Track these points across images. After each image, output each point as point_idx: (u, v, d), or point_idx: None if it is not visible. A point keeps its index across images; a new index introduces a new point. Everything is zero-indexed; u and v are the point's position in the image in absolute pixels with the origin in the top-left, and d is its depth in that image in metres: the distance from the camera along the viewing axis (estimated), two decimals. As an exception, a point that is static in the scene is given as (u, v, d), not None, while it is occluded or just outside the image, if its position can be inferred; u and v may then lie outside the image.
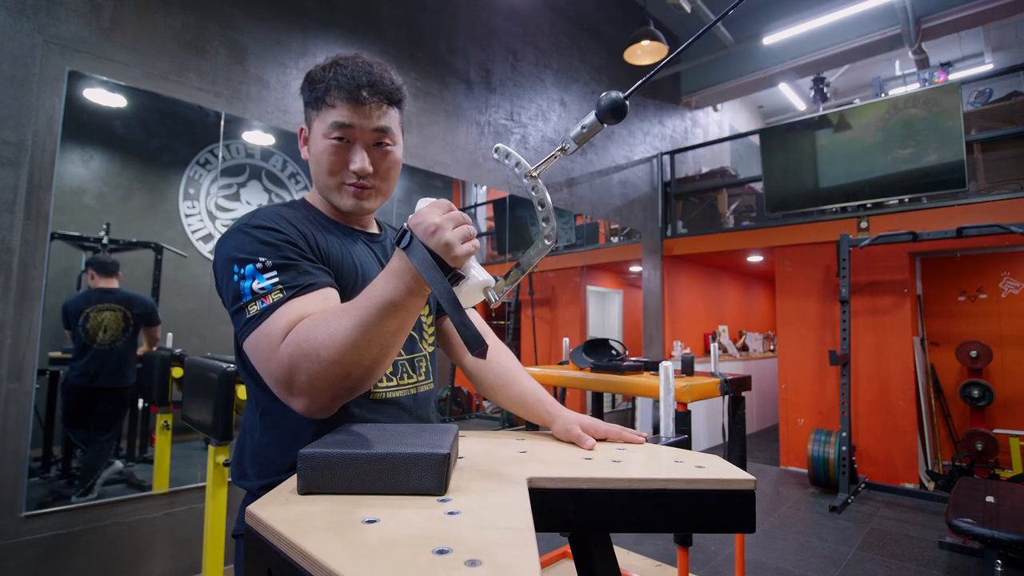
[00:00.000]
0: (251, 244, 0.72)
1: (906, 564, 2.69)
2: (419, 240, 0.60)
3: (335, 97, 0.78)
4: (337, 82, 0.78)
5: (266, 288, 0.69)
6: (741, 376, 2.23)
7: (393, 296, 0.62)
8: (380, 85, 0.80)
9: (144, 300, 2.28)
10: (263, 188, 2.60)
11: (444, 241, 0.59)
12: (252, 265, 0.70)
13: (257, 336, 0.68)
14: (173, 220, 2.33)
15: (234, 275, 0.71)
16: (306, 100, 0.83)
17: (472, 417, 4.17)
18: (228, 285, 0.72)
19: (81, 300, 2.13)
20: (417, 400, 0.88)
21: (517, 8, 3.98)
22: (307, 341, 0.63)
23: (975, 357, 4.15)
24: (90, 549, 1.97)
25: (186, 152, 2.37)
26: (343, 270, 0.80)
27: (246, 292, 0.70)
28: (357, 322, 0.62)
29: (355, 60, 0.81)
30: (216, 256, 0.76)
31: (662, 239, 5.29)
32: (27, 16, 1.91)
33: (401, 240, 0.61)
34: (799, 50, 5.17)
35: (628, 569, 2.26)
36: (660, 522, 0.65)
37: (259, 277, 0.70)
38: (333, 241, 0.82)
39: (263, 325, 0.68)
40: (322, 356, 0.62)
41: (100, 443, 2.21)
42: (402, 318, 0.64)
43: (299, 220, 0.79)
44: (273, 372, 0.66)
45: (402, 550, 0.41)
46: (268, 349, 0.67)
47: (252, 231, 0.73)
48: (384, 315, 0.62)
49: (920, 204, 3.98)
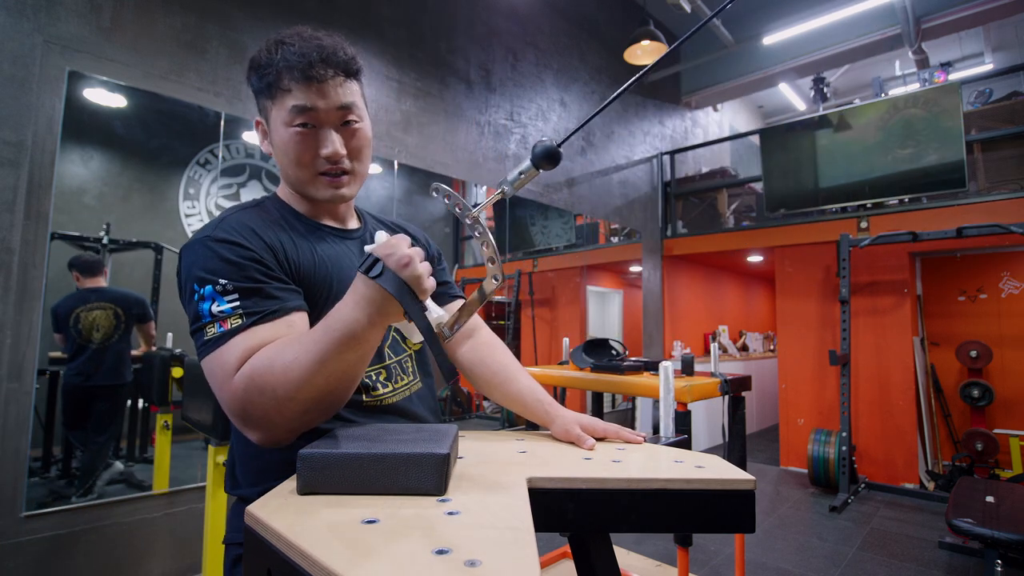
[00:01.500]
0: (212, 261, 0.67)
1: (906, 564, 2.69)
2: (391, 271, 0.59)
3: (288, 79, 0.72)
4: (287, 62, 0.71)
5: (225, 312, 0.66)
6: (741, 376, 2.23)
7: (355, 327, 0.59)
8: (335, 58, 0.73)
9: (134, 297, 2.27)
10: (263, 188, 2.60)
11: (416, 273, 0.59)
12: (211, 287, 0.66)
13: (212, 362, 0.65)
14: (173, 220, 2.33)
15: (194, 294, 0.67)
16: (256, 89, 0.76)
17: (472, 417, 4.17)
18: (188, 303, 0.69)
19: (70, 301, 2.12)
20: (413, 401, 0.87)
21: (517, 8, 3.98)
22: (261, 376, 0.61)
23: (975, 357, 4.15)
24: (90, 549, 1.97)
25: (186, 152, 2.37)
26: (315, 280, 0.76)
27: (204, 314, 0.66)
28: (315, 357, 0.59)
29: (300, 35, 0.74)
30: (179, 265, 0.71)
31: (662, 239, 5.29)
32: (27, 16, 1.91)
33: (371, 269, 0.59)
34: (799, 50, 5.17)
35: (628, 569, 2.26)
36: (660, 522, 0.65)
37: (219, 299, 0.66)
38: (304, 247, 0.77)
39: (218, 352, 0.65)
40: (278, 393, 0.60)
41: (99, 443, 2.20)
42: (362, 350, 0.62)
43: (267, 227, 0.74)
44: (227, 402, 0.64)
45: (402, 550, 0.41)
46: (222, 378, 0.64)
47: (215, 246, 0.68)
48: (343, 348, 0.60)
49: (920, 204, 3.98)
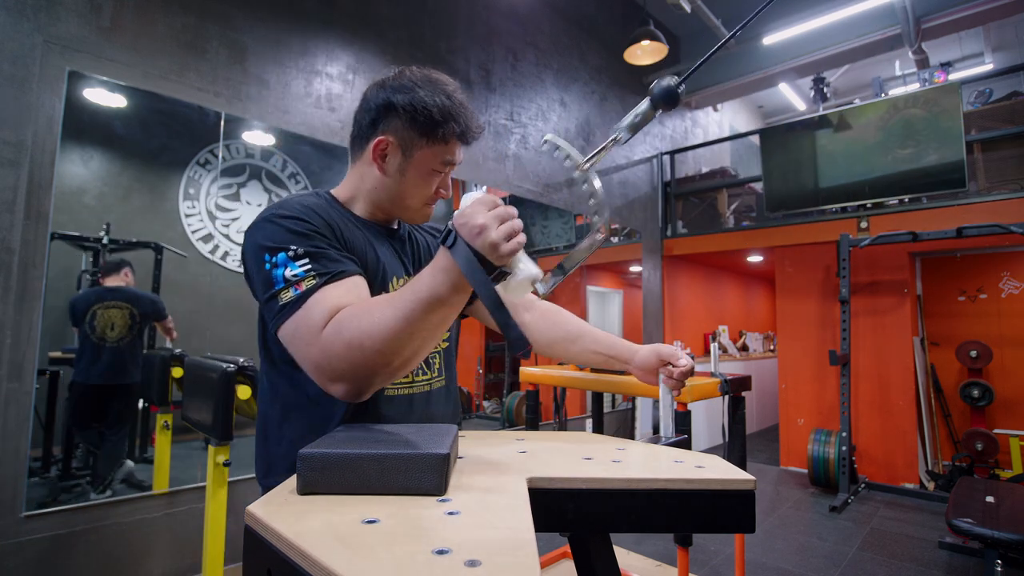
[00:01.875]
0: (281, 233, 0.73)
1: (906, 564, 2.69)
2: (463, 241, 0.61)
3: (452, 135, 0.82)
4: (461, 126, 0.82)
5: (299, 275, 0.70)
6: (741, 376, 2.23)
7: (439, 292, 0.63)
8: (479, 133, 0.86)
9: (149, 297, 2.30)
10: (263, 188, 2.60)
11: (489, 242, 0.60)
12: (284, 253, 0.71)
13: (295, 323, 0.69)
14: (173, 220, 2.33)
15: (265, 263, 0.72)
16: (419, 124, 0.81)
17: (472, 417, 4.17)
18: (259, 273, 0.73)
19: (89, 297, 2.15)
20: (430, 397, 0.89)
21: (517, 8, 3.98)
22: (349, 330, 0.65)
23: (975, 357, 4.14)
24: (90, 549, 1.97)
25: (186, 152, 2.37)
26: (367, 263, 0.82)
27: (279, 280, 0.70)
28: (401, 315, 0.63)
29: (463, 103, 0.83)
30: (245, 246, 0.77)
31: (662, 239, 5.29)
32: (27, 16, 1.91)
33: (446, 239, 0.62)
34: (799, 50, 5.17)
35: (628, 569, 2.25)
36: (660, 522, 0.65)
37: (291, 265, 0.71)
38: (358, 235, 0.83)
39: (300, 312, 0.69)
40: (365, 345, 0.64)
41: (113, 441, 2.23)
42: (445, 312, 0.65)
43: (324, 210, 0.81)
44: (314, 358, 0.67)
45: (402, 550, 0.41)
46: (308, 335, 0.67)
47: (280, 221, 0.75)
48: (428, 310, 0.63)
49: (920, 204, 3.98)
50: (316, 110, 2.73)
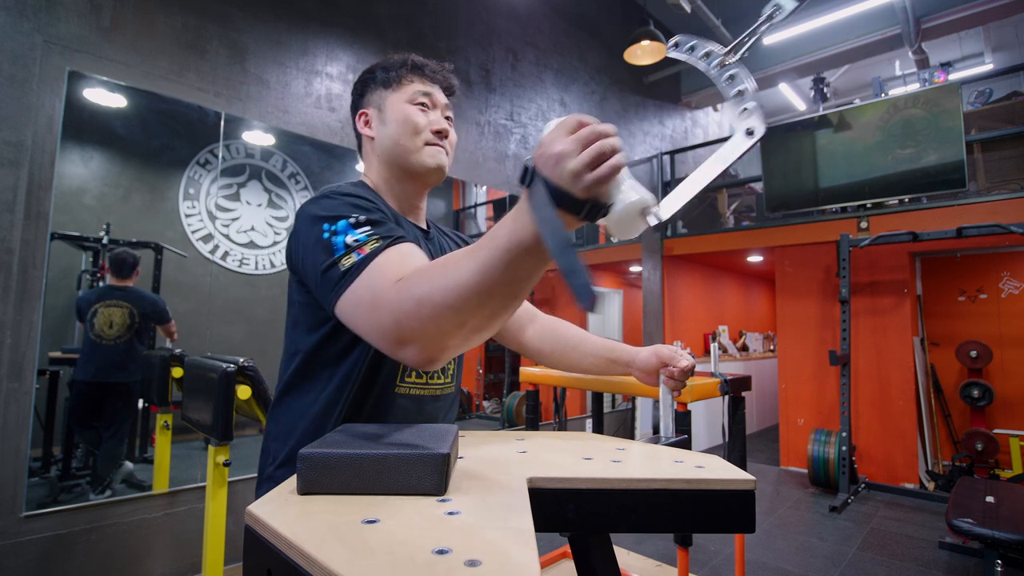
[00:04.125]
0: (340, 206, 0.72)
1: (906, 564, 2.69)
2: (541, 175, 0.51)
3: (412, 75, 0.91)
4: (414, 64, 0.92)
5: (360, 240, 0.67)
6: (741, 376, 2.22)
7: (519, 238, 0.53)
8: (444, 72, 0.95)
9: (151, 298, 2.31)
10: (263, 188, 2.60)
11: (569, 171, 0.49)
12: (345, 220, 0.69)
13: (358, 288, 0.64)
14: (173, 220, 2.33)
15: (324, 232, 0.69)
16: (379, 81, 0.91)
17: (472, 417, 4.17)
18: (316, 244, 0.69)
19: (93, 295, 2.17)
20: (439, 401, 0.88)
21: (517, 8, 3.98)
22: (419, 286, 0.59)
23: (975, 357, 4.14)
24: (90, 549, 1.97)
25: (186, 152, 2.37)
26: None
27: (339, 247, 0.67)
28: (476, 266, 0.55)
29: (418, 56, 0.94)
30: (298, 224, 0.75)
31: (662, 239, 5.29)
32: (27, 16, 1.91)
33: (524, 177, 0.53)
34: (799, 50, 5.17)
35: (628, 569, 2.25)
36: (660, 522, 0.65)
37: (352, 231, 0.68)
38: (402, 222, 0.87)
39: (363, 277, 0.64)
40: (436, 301, 0.57)
41: (111, 441, 2.23)
42: (529, 265, 0.55)
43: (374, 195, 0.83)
44: (381, 322, 0.61)
45: (402, 550, 0.41)
46: (372, 300, 0.62)
47: (337, 196, 0.75)
48: (511, 258, 0.54)
49: (920, 204, 3.98)
50: (316, 110, 2.73)
